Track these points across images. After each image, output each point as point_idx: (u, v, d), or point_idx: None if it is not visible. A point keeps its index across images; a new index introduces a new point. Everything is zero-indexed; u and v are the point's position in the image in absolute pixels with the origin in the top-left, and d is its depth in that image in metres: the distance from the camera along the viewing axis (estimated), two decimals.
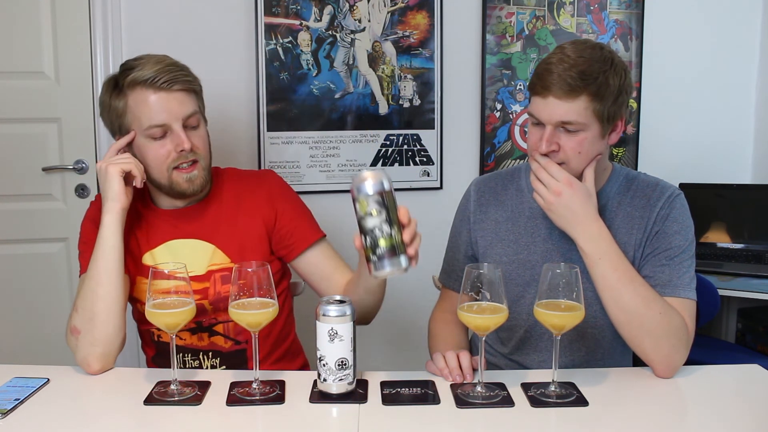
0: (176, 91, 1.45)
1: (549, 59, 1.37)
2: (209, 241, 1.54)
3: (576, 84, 1.33)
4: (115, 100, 1.47)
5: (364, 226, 1.18)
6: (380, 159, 2.64)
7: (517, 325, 1.53)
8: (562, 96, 1.34)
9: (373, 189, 1.17)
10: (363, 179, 1.18)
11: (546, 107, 1.36)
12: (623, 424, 1.19)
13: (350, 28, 2.55)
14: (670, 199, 1.45)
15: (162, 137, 1.45)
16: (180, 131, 1.45)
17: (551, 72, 1.34)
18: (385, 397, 1.26)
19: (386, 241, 1.16)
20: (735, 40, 2.83)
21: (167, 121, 1.44)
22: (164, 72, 1.43)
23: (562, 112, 1.35)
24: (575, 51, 1.36)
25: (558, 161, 1.39)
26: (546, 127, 1.38)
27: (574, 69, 1.33)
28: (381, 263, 1.18)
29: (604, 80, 1.34)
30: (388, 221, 1.17)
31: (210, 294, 1.52)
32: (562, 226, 1.40)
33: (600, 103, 1.35)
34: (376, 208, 1.16)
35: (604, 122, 1.37)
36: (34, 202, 2.50)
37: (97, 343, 1.38)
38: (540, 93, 1.37)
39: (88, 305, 1.39)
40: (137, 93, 1.44)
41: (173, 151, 1.46)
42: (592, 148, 1.39)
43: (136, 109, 1.44)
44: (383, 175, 1.18)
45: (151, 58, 1.46)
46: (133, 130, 1.46)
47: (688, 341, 1.36)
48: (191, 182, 1.49)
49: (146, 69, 1.43)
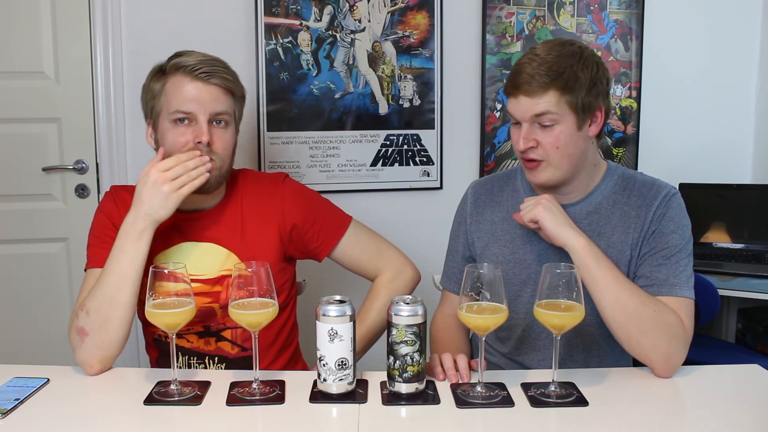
0: (212, 84, 1.46)
1: (521, 60, 1.42)
2: (223, 245, 1.53)
3: (543, 80, 1.36)
4: (154, 82, 1.48)
5: (396, 350, 1.24)
6: (380, 159, 2.64)
7: (515, 325, 1.54)
8: (531, 93, 1.38)
9: (413, 320, 1.23)
10: (402, 309, 1.24)
11: (518, 106, 1.41)
12: (623, 424, 1.19)
13: (350, 28, 2.55)
14: (667, 199, 1.46)
15: (185, 126, 1.45)
16: (203, 123, 1.45)
17: (521, 72, 1.39)
18: (385, 397, 1.26)
19: (414, 368, 1.25)
20: (735, 40, 2.83)
21: (194, 110, 1.45)
22: (206, 64, 1.45)
23: (534, 107, 1.38)
24: (544, 49, 1.40)
25: (538, 157, 1.42)
26: (522, 125, 1.41)
27: (543, 66, 1.37)
28: (401, 384, 1.26)
29: (572, 73, 1.37)
30: (420, 351, 1.25)
31: (221, 298, 1.51)
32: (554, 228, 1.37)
33: (571, 94, 1.38)
34: (411, 338, 1.23)
35: (579, 113, 1.40)
36: (34, 202, 2.50)
37: (103, 347, 1.37)
38: (512, 93, 1.42)
39: (104, 309, 1.37)
40: (176, 77, 1.46)
41: (191, 141, 1.45)
42: (570, 142, 1.41)
43: (170, 92, 1.45)
44: (421, 307, 1.25)
45: (200, 52, 1.49)
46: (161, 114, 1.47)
47: (686, 340, 1.36)
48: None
49: (191, 58, 1.46)
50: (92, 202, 2.50)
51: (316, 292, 1.84)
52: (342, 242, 1.60)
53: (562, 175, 1.44)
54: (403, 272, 1.63)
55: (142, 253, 1.39)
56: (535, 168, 1.44)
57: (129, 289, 1.38)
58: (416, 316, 1.23)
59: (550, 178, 1.44)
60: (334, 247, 1.60)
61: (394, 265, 1.63)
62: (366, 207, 2.48)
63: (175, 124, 1.46)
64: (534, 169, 1.44)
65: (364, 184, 2.65)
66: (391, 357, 1.25)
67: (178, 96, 1.45)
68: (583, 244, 1.35)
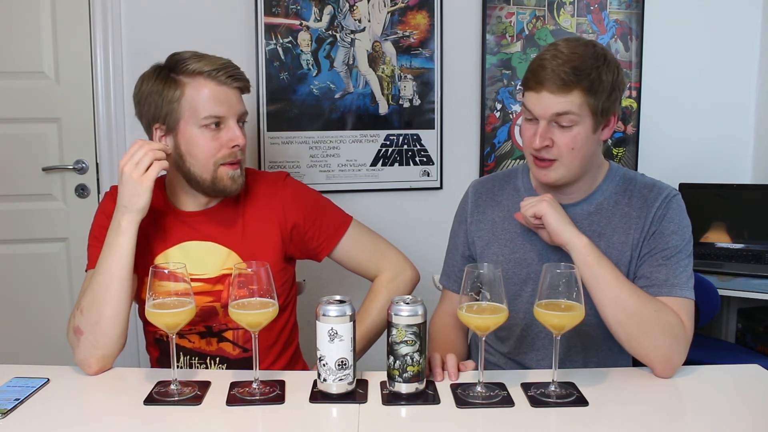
0: (235, 88, 1.48)
1: (542, 55, 1.39)
2: (224, 244, 1.53)
3: (569, 79, 1.34)
4: (167, 90, 1.45)
5: (396, 350, 1.25)
6: (380, 159, 2.64)
7: (514, 324, 1.54)
8: (555, 90, 1.35)
9: (413, 320, 1.23)
10: (402, 309, 1.23)
11: (539, 102, 1.38)
12: (623, 424, 1.19)
13: (350, 28, 2.55)
14: (667, 200, 1.46)
15: (215, 130, 1.45)
16: (235, 126, 1.47)
17: (544, 68, 1.36)
18: (385, 397, 1.26)
19: (414, 368, 1.25)
20: (735, 40, 2.83)
21: (226, 113, 1.45)
22: (228, 68, 1.46)
23: (556, 106, 1.36)
24: (568, 47, 1.38)
25: (551, 157, 1.41)
26: (540, 122, 1.39)
27: (568, 65, 1.35)
28: (401, 384, 1.26)
29: (597, 76, 1.36)
30: (420, 351, 1.24)
31: (223, 297, 1.51)
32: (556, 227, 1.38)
33: (593, 97, 1.36)
34: (411, 338, 1.23)
35: (597, 117, 1.39)
36: (34, 202, 2.50)
37: (99, 345, 1.37)
38: (533, 88, 1.38)
39: (95, 308, 1.37)
40: (199, 82, 1.44)
41: (225, 146, 1.46)
42: (585, 145, 1.40)
43: (196, 98, 1.44)
44: (421, 307, 1.24)
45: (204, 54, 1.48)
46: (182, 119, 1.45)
47: (686, 340, 1.36)
48: (234, 181, 1.49)
49: (210, 62, 1.45)
50: (92, 202, 2.50)
51: (316, 292, 1.84)
52: (342, 242, 1.61)
53: (571, 176, 1.44)
54: (402, 273, 1.64)
55: (125, 249, 1.38)
56: (546, 167, 1.42)
57: (117, 285, 1.38)
58: (416, 316, 1.23)
59: (559, 178, 1.43)
60: (334, 246, 1.60)
61: (394, 265, 1.64)
62: (366, 207, 2.48)
63: (206, 129, 1.45)
64: (545, 168, 1.43)
65: (364, 184, 2.65)
66: (391, 357, 1.25)
67: (207, 101, 1.44)
68: (584, 243, 1.35)
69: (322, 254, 1.61)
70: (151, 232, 1.52)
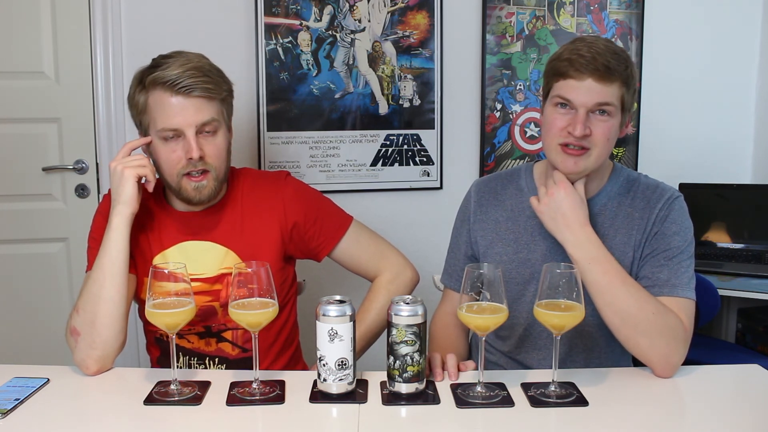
0: (195, 97, 1.42)
1: (576, 47, 1.38)
2: (223, 244, 1.53)
3: (613, 67, 1.35)
4: (138, 95, 1.46)
5: (396, 350, 1.25)
6: (380, 159, 2.64)
7: (517, 324, 1.54)
8: (599, 78, 1.35)
9: (413, 320, 1.23)
10: (402, 309, 1.23)
11: (581, 89, 1.37)
12: (623, 424, 1.19)
13: (350, 28, 2.55)
14: (669, 201, 1.46)
15: (174, 141, 1.44)
16: (192, 138, 1.42)
17: (584, 56, 1.35)
18: (385, 397, 1.26)
19: (414, 368, 1.25)
20: (735, 40, 2.83)
21: (180, 126, 1.42)
22: (185, 77, 1.40)
23: (600, 95, 1.36)
24: (600, 40, 1.40)
25: (587, 146, 1.39)
26: (579, 111, 1.38)
27: (611, 56, 1.36)
28: (401, 384, 1.26)
29: (631, 71, 1.39)
30: (420, 351, 1.24)
31: (222, 297, 1.51)
32: (551, 230, 1.42)
33: (627, 91, 1.39)
34: (411, 338, 1.23)
35: (625, 112, 1.41)
36: (34, 202, 2.50)
37: (96, 346, 1.37)
38: (574, 76, 1.37)
39: (90, 307, 1.37)
40: (157, 93, 1.42)
41: (183, 157, 1.44)
42: (615, 137, 1.42)
43: (154, 109, 1.43)
44: (421, 307, 1.24)
45: (181, 57, 1.44)
46: (150, 129, 1.46)
47: (685, 340, 1.36)
48: (199, 191, 1.47)
49: (170, 70, 1.41)
50: (92, 202, 2.50)
51: (316, 292, 1.84)
52: (342, 242, 1.60)
53: (594, 167, 1.43)
54: (402, 273, 1.64)
55: (117, 245, 1.39)
56: (578, 155, 1.40)
57: (110, 283, 1.37)
58: (416, 316, 1.23)
59: (586, 168, 1.42)
60: (334, 246, 1.60)
61: (394, 266, 1.64)
62: (366, 207, 2.48)
63: (164, 141, 1.44)
64: (577, 156, 1.40)
65: (364, 184, 2.65)
66: (391, 357, 1.25)
67: (162, 113, 1.42)
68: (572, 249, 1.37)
69: (322, 254, 1.61)
70: (150, 232, 1.53)
